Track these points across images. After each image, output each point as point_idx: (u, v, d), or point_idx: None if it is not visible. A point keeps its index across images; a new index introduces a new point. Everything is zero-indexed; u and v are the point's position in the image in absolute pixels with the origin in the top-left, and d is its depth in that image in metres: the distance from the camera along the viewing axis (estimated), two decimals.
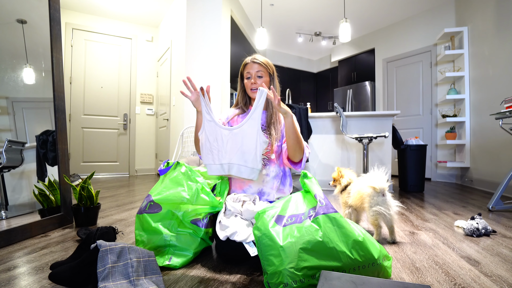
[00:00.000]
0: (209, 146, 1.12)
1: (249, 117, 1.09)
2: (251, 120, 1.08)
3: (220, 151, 1.10)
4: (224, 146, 1.10)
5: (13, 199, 1.63)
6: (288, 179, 1.38)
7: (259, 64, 1.33)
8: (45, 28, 1.72)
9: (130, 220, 1.82)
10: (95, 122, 4.58)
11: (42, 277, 0.99)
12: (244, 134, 1.08)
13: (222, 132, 1.10)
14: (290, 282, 0.83)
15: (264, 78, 1.34)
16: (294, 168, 1.30)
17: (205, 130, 1.13)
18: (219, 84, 3.62)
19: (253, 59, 1.34)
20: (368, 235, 0.94)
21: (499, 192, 2.16)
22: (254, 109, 1.09)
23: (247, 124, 1.08)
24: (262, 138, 1.07)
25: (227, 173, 1.11)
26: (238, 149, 1.08)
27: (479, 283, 0.97)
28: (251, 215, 1.14)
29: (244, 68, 1.36)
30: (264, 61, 1.34)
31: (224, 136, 1.10)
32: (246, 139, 1.08)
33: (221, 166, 1.11)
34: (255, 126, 1.08)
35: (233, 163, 1.09)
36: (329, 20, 5.03)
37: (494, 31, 3.21)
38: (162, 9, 4.46)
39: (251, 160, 1.07)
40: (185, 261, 1.11)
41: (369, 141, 2.85)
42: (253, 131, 1.07)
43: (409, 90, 4.75)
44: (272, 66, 1.38)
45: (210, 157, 1.12)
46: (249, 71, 1.34)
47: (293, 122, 1.17)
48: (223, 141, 1.10)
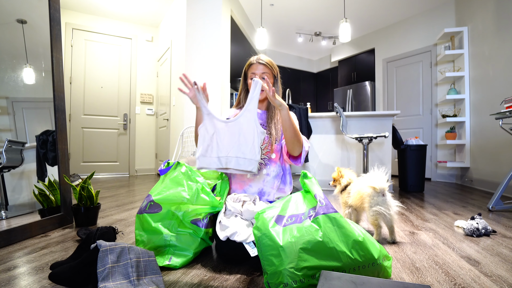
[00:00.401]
0: (208, 139, 1.11)
1: (245, 108, 1.08)
2: (247, 111, 1.08)
3: (218, 144, 1.10)
4: (221, 140, 1.10)
5: (13, 199, 1.63)
6: (288, 177, 1.38)
7: (264, 65, 1.33)
8: (45, 28, 1.72)
9: (130, 220, 1.82)
10: (95, 122, 4.58)
11: (42, 277, 0.99)
12: (240, 126, 1.08)
13: (219, 125, 1.11)
14: (290, 282, 0.83)
15: (268, 79, 1.34)
16: (294, 163, 1.30)
17: (205, 123, 1.12)
18: (219, 84, 3.62)
19: (259, 59, 1.34)
20: (368, 235, 0.94)
21: (499, 192, 2.16)
22: (249, 100, 1.09)
23: (243, 116, 1.08)
24: (259, 129, 1.08)
25: (224, 166, 1.10)
26: (235, 141, 1.08)
27: (479, 283, 0.97)
28: (251, 215, 1.14)
29: (249, 68, 1.37)
30: (269, 62, 1.35)
31: (221, 129, 1.10)
32: (243, 131, 1.08)
33: (218, 159, 1.09)
34: (251, 117, 1.08)
35: (231, 155, 1.09)
36: (329, 20, 5.03)
37: (494, 31, 3.21)
38: (162, 9, 4.46)
39: (249, 151, 1.07)
40: (185, 261, 1.11)
41: (369, 141, 2.85)
42: (250, 122, 1.07)
43: (409, 90, 4.75)
44: (276, 68, 1.39)
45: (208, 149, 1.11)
46: (254, 72, 1.34)
47: (288, 115, 1.17)
48: (220, 134, 1.10)
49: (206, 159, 1.10)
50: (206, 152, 1.10)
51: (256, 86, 1.08)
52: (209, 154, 1.10)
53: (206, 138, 1.11)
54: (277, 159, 1.34)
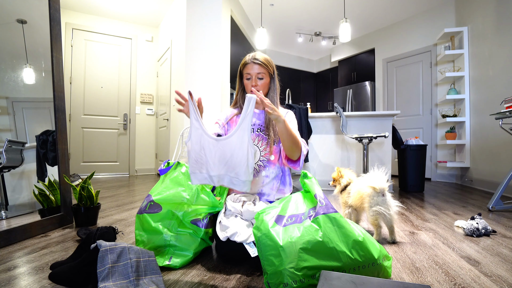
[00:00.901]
0: (194, 155, 1.02)
1: (238, 126, 0.99)
2: (240, 130, 0.99)
3: (208, 162, 1.01)
4: (212, 157, 1.01)
5: (13, 199, 1.63)
6: (288, 178, 1.36)
7: (259, 64, 1.26)
8: (45, 28, 1.72)
9: (130, 220, 1.82)
10: (95, 122, 4.58)
11: (42, 277, 0.99)
12: (234, 146, 0.99)
13: (209, 141, 1.01)
14: (290, 282, 0.83)
15: (265, 79, 1.29)
16: (293, 166, 1.27)
17: (192, 138, 1.03)
18: (219, 84, 3.62)
19: (254, 59, 1.27)
20: (368, 235, 0.94)
21: (499, 192, 2.16)
22: (242, 118, 0.98)
23: (236, 135, 0.99)
24: (252, 149, 0.99)
25: (217, 184, 1.03)
26: (227, 161, 1.00)
27: (479, 283, 0.97)
28: (251, 215, 1.14)
29: (244, 67, 1.30)
30: (265, 61, 1.28)
31: (212, 146, 1.01)
32: (236, 151, 0.99)
33: (210, 178, 1.02)
34: (245, 137, 0.98)
35: (223, 174, 1.01)
36: (329, 20, 5.03)
37: (494, 31, 3.21)
38: (162, 9, 4.46)
39: (243, 173, 0.99)
40: (185, 261, 1.11)
41: (369, 141, 2.85)
42: (243, 143, 0.98)
43: (409, 90, 4.75)
44: (272, 65, 1.33)
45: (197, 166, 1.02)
46: (249, 72, 1.28)
47: (285, 127, 1.12)
48: (211, 151, 1.01)
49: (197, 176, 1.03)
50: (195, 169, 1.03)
51: (250, 103, 0.98)
52: (198, 170, 1.02)
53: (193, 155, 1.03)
54: (276, 161, 1.32)
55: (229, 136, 1.00)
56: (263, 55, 1.31)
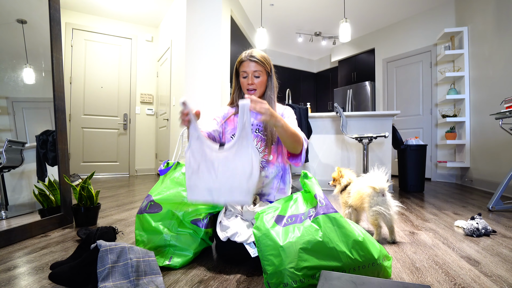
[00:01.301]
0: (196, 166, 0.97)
1: (238, 135, 0.93)
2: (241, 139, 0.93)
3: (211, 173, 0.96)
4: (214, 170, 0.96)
5: (13, 199, 1.63)
6: (288, 176, 1.34)
7: (256, 62, 1.23)
8: (45, 28, 1.72)
9: (130, 220, 1.82)
10: (95, 122, 4.58)
11: (42, 277, 0.99)
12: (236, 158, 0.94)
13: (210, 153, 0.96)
14: (290, 282, 0.83)
15: (262, 77, 1.26)
16: (295, 163, 1.23)
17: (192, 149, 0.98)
18: (219, 84, 3.62)
19: (250, 56, 1.23)
20: (368, 235, 0.94)
21: (499, 192, 2.16)
22: (241, 127, 0.92)
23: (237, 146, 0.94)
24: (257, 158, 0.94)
25: (216, 199, 0.97)
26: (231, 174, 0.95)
27: (479, 283, 0.97)
28: (251, 215, 1.14)
29: (240, 65, 1.26)
30: (262, 58, 1.24)
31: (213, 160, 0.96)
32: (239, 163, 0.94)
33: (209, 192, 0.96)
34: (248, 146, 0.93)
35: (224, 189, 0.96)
36: (329, 20, 5.03)
37: (494, 31, 3.21)
38: (162, 9, 4.46)
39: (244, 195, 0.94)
40: (185, 261, 1.11)
41: (369, 141, 2.85)
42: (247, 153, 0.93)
43: (409, 90, 4.75)
44: (269, 63, 1.29)
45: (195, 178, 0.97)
46: (245, 70, 1.24)
47: (284, 129, 1.06)
48: (213, 163, 0.96)
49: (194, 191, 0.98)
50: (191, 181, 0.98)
51: (244, 110, 0.91)
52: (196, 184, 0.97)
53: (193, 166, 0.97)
54: (275, 160, 1.29)
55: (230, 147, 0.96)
56: (260, 52, 1.28)
